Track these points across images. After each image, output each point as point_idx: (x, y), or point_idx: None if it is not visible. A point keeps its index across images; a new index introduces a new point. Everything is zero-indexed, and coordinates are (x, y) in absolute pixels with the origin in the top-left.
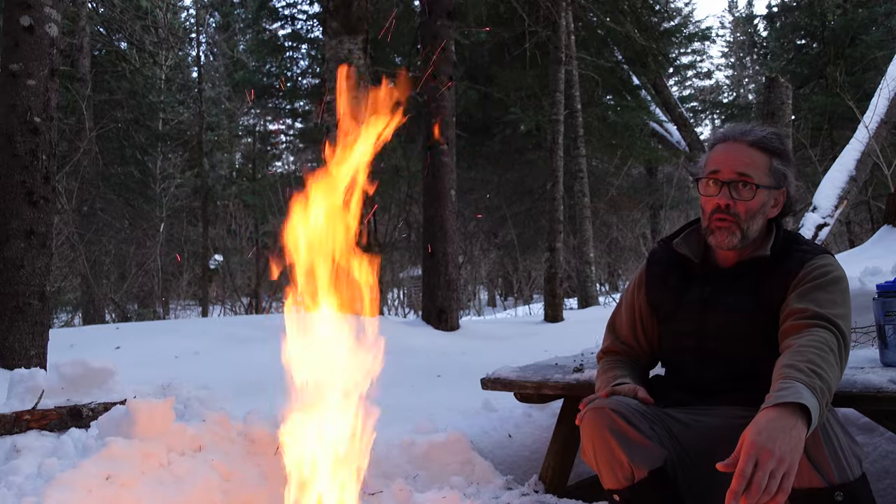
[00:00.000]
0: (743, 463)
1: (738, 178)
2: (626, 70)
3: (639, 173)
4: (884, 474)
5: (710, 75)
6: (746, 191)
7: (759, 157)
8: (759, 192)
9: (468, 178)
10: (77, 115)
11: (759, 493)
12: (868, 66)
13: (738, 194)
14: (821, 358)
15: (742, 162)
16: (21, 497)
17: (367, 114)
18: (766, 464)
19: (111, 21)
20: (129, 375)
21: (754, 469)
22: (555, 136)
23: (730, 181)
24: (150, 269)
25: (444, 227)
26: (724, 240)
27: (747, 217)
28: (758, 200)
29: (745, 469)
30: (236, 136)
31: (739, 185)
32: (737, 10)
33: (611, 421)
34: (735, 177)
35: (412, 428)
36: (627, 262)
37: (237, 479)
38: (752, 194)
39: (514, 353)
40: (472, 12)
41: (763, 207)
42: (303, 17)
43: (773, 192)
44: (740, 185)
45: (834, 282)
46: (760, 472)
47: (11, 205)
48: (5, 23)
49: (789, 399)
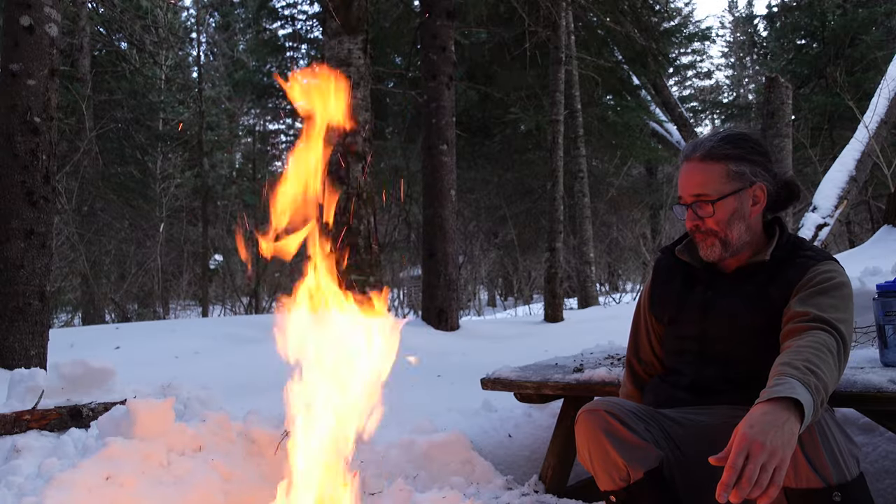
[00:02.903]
0: (734, 456)
1: (695, 199)
2: (626, 70)
3: (639, 173)
4: (884, 474)
5: (710, 75)
6: (706, 208)
7: (712, 169)
8: (719, 205)
9: (468, 178)
10: (77, 115)
11: (750, 485)
12: (868, 66)
13: (701, 211)
14: (818, 357)
15: (694, 182)
16: (21, 497)
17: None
18: (758, 457)
19: (111, 21)
20: (129, 375)
21: (746, 462)
22: (555, 136)
23: (690, 204)
24: (150, 269)
25: (444, 227)
26: (708, 254)
27: (721, 228)
28: (724, 210)
29: (735, 461)
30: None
31: (699, 203)
32: (737, 10)
33: (605, 423)
34: (692, 199)
35: (412, 428)
36: (627, 262)
37: (237, 479)
38: (713, 210)
39: (514, 353)
40: (472, 12)
41: (736, 213)
42: (303, 17)
43: (740, 194)
44: (700, 203)
45: (837, 287)
46: (751, 464)
47: (11, 205)
48: (5, 23)
49: (782, 394)
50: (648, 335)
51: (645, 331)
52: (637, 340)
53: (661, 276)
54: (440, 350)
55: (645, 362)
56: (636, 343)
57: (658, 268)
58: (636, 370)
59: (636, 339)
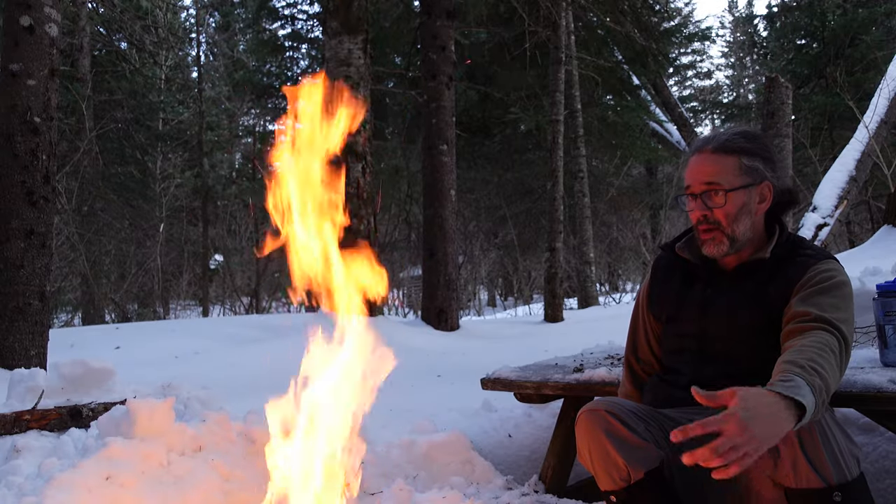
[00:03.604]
0: (715, 421)
1: (707, 188)
2: (626, 70)
3: (639, 173)
4: (884, 474)
5: (710, 75)
6: (718, 198)
7: (725, 161)
8: (731, 196)
9: (468, 178)
10: (77, 115)
11: (711, 455)
12: (868, 66)
13: (711, 202)
14: (821, 357)
15: (707, 171)
16: (21, 497)
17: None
18: (736, 438)
19: (111, 21)
20: (129, 375)
21: (720, 434)
22: (555, 136)
23: (700, 193)
24: (150, 269)
25: (444, 227)
26: (713, 250)
27: (729, 221)
28: (733, 203)
29: (710, 423)
30: (236, 136)
31: (710, 193)
32: (737, 10)
33: (606, 423)
34: (704, 187)
35: (412, 428)
36: (627, 262)
37: (237, 479)
38: (724, 199)
39: (514, 353)
40: (472, 12)
41: (744, 208)
42: (303, 17)
43: (750, 189)
44: (711, 193)
45: (837, 286)
46: (724, 439)
47: (11, 205)
48: (5, 23)
49: (789, 393)
50: (647, 334)
51: (643, 330)
52: (635, 339)
53: (660, 274)
54: (440, 350)
55: (643, 361)
56: (634, 342)
57: (657, 266)
58: (635, 369)
59: (634, 338)
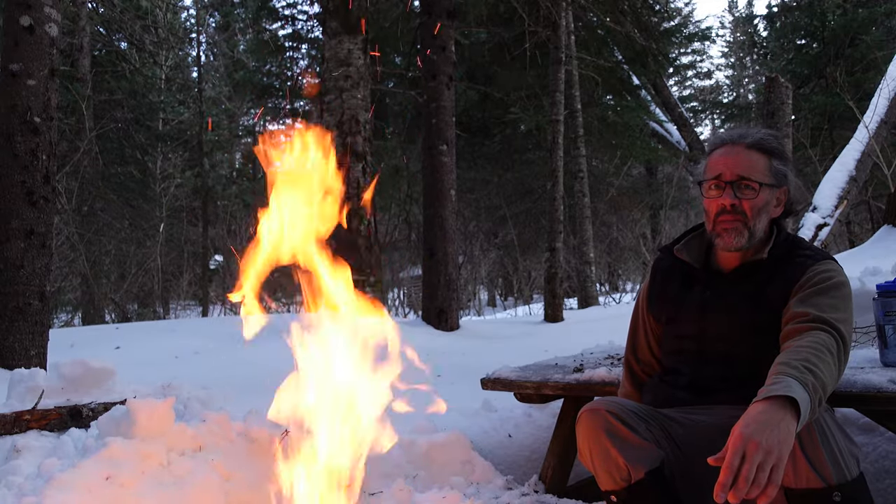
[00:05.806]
0: (730, 455)
1: (740, 179)
2: (626, 70)
3: (639, 173)
4: (884, 474)
5: (710, 75)
6: (750, 190)
7: (758, 158)
8: (762, 190)
9: (468, 178)
10: (77, 115)
11: (747, 485)
12: (868, 66)
13: (741, 193)
14: (817, 357)
15: (742, 164)
16: (21, 497)
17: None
18: (754, 456)
19: (111, 21)
20: (129, 375)
21: (742, 461)
22: (555, 136)
23: (733, 181)
24: (150, 269)
25: (444, 227)
26: (731, 241)
27: (753, 215)
28: (762, 198)
29: (732, 461)
30: (236, 136)
31: (742, 184)
32: (737, 10)
33: (606, 422)
34: (737, 178)
35: (412, 428)
36: (627, 262)
37: (237, 479)
38: (756, 192)
39: (514, 353)
40: (472, 12)
41: (767, 206)
42: (303, 18)
43: (774, 190)
44: (743, 184)
45: (836, 287)
46: (748, 464)
47: (11, 205)
48: (5, 23)
49: (779, 392)
50: (647, 335)
51: (643, 331)
52: (635, 340)
53: (660, 275)
54: (440, 350)
55: (643, 362)
56: (634, 343)
57: (656, 268)
58: (634, 370)
59: (634, 338)
